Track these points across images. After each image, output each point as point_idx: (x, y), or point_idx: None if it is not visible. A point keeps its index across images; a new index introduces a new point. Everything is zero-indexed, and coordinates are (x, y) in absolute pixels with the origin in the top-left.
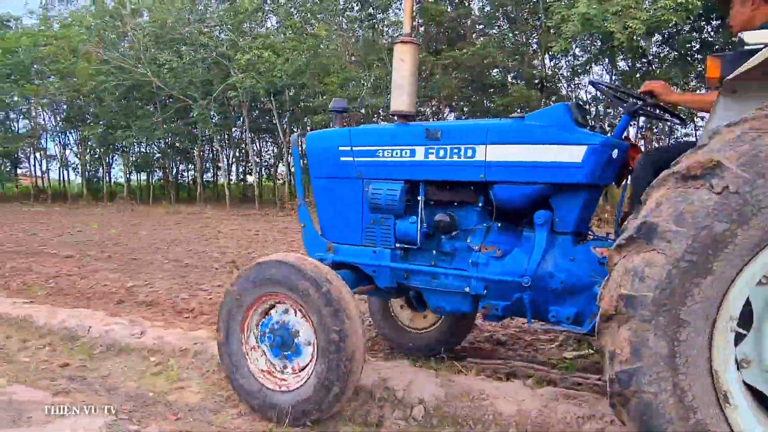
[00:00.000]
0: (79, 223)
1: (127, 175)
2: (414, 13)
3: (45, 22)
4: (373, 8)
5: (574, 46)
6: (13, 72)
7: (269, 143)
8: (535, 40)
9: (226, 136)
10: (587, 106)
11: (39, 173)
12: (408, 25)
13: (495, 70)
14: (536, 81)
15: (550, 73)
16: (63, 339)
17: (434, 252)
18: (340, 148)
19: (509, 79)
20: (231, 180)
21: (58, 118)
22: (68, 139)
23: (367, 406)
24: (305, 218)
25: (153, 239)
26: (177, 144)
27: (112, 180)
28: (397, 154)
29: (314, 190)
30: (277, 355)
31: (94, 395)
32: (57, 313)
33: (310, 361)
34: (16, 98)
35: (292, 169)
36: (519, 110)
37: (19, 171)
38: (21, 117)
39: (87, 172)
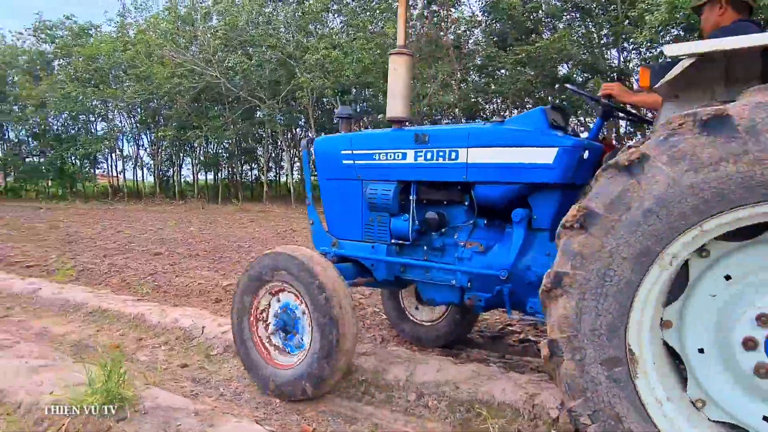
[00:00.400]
0: (157, 220)
1: (195, 175)
2: (407, 26)
3: (122, 29)
4: (436, 4)
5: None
6: (94, 77)
7: None
8: (607, 33)
9: (289, 136)
10: None
11: (115, 173)
12: (401, 38)
13: (565, 65)
14: (610, 74)
15: (622, 66)
16: (178, 339)
17: (426, 247)
18: (343, 152)
19: (579, 73)
20: (294, 179)
21: (133, 120)
22: (142, 140)
23: (517, 425)
24: (313, 216)
25: (232, 237)
26: (243, 144)
27: (182, 179)
28: (390, 157)
29: (321, 191)
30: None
31: (222, 400)
32: (168, 311)
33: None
34: (95, 102)
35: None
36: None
37: (96, 171)
38: (99, 120)
39: (159, 172)
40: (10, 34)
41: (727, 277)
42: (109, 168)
